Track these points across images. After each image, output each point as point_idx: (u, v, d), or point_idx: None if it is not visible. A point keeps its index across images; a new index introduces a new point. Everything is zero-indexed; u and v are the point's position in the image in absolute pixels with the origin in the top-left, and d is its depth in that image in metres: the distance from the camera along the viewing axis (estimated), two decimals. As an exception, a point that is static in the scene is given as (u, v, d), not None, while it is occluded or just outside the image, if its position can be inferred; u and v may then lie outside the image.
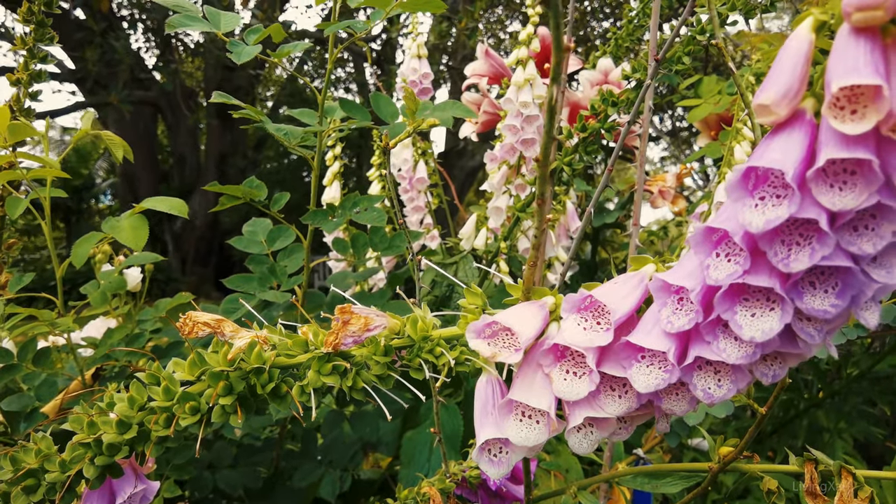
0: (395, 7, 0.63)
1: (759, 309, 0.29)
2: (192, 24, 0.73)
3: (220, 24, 0.75)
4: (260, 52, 0.73)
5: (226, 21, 0.77)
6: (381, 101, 0.79)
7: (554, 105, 0.27)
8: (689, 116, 1.15)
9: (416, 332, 0.37)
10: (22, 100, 0.76)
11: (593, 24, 6.83)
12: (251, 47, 0.73)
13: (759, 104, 0.27)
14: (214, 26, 0.73)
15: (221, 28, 0.75)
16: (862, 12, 0.24)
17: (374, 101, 0.80)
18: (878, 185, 0.25)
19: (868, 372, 1.25)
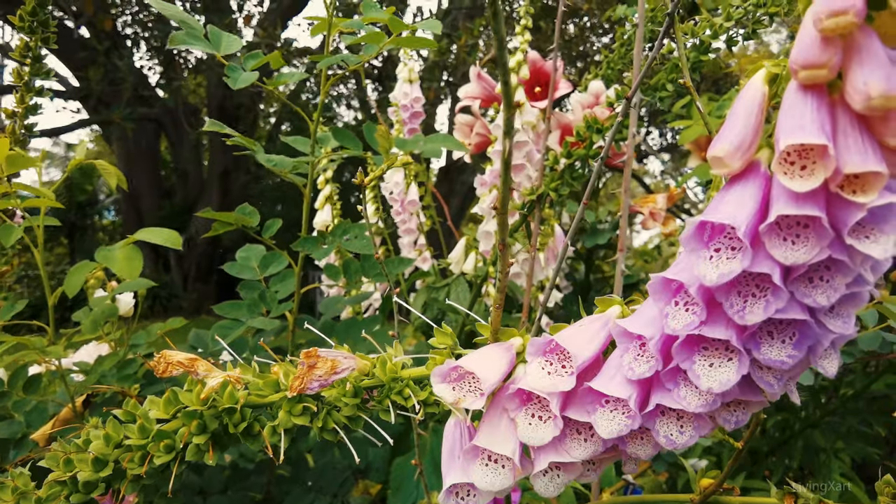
0: (388, 44, 0.64)
1: (717, 359, 0.29)
2: (194, 43, 0.72)
3: (221, 45, 0.75)
4: (257, 78, 0.74)
5: (227, 43, 0.76)
6: (372, 132, 0.80)
7: (508, 158, 0.27)
8: (680, 138, 1.15)
9: (384, 373, 0.37)
10: (17, 131, 0.76)
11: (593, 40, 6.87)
12: (248, 74, 0.74)
13: (713, 156, 0.27)
14: (215, 48, 0.72)
15: (222, 50, 0.75)
16: (807, 71, 0.24)
17: (367, 132, 0.80)
18: (829, 240, 0.25)
19: (863, 392, 1.25)
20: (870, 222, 0.25)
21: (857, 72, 0.24)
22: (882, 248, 0.25)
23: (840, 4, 0.23)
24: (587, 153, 0.79)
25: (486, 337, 0.38)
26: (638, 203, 1.19)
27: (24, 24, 0.69)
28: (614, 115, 0.77)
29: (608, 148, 0.58)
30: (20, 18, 0.69)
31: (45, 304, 0.84)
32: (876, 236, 0.25)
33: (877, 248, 0.25)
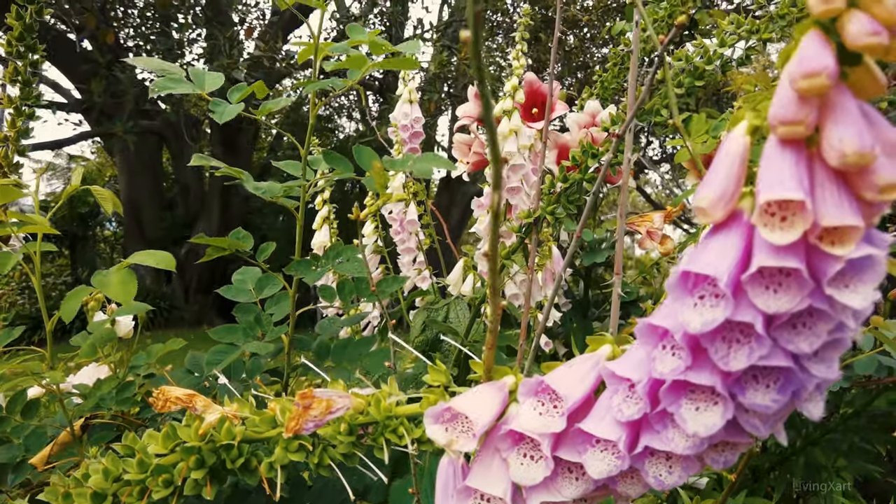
0: (370, 67, 0.65)
1: (704, 403, 0.29)
2: (176, 87, 0.75)
3: (205, 84, 0.77)
4: (243, 109, 0.75)
5: (210, 81, 0.79)
6: (363, 155, 0.81)
7: (497, 210, 0.28)
8: (676, 157, 1.16)
9: (379, 412, 0.38)
10: (10, 156, 0.77)
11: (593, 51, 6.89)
12: (233, 106, 0.75)
13: (697, 206, 0.28)
14: (199, 87, 0.74)
15: (205, 88, 0.77)
16: (785, 127, 0.25)
17: (357, 154, 0.81)
18: (810, 290, 0.26)
19: (864, 410, 1.24)
20: (849, 272, 0.26)
21: (832, 129, 0.24)
22: (861, 297, 0.25)
23: (813, 67, 0.24)
24: (583, 177, 0.80)
25: (480, 374, 0.39)
26: (635, 221, 1.20)
27: (12, 49, 0.70)
28: (608, 141, 0.78)
29: (604, 173, 0.59)
30: (8, 44, 0.70)
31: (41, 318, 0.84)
32: (855, 286, 0.26)
33: (856, 297, 0.25)
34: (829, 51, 0.24)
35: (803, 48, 0.25)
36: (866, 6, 0.24)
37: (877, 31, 0.23)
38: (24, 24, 0.71)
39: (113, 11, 6.36)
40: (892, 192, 0.25)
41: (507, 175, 0.91)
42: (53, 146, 7.35)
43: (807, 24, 0.25)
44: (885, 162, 0.25)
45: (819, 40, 0.24)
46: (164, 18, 6.39)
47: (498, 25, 7.00)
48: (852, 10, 0.24)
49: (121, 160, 8.27)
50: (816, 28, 0.25)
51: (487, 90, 0.24)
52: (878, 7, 0.24)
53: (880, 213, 0.26)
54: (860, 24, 0.23)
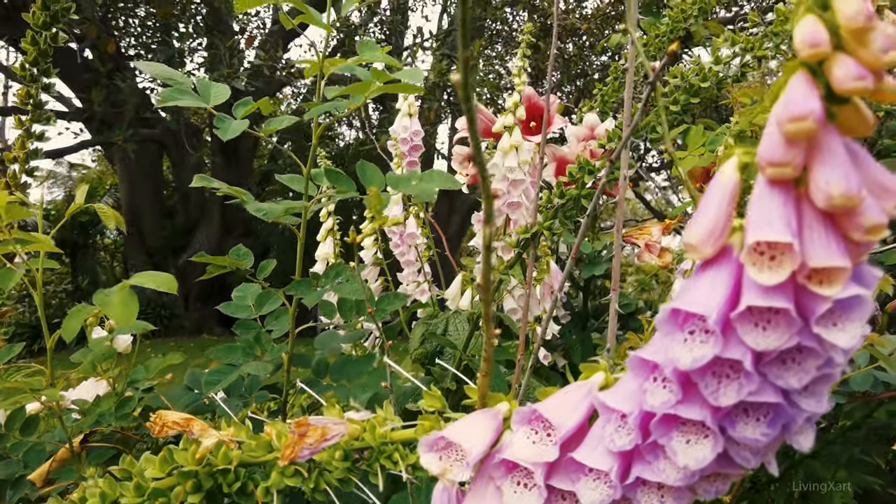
0: (374, 91, 0.65)
1: (694, 436, 0.29)
2: (181, 99, 0.75)
3: (210, 97, 0.77)
4: (247, 126, 0.75)
5: (216, 94, 0.79)
6: (367, 171, 0.81)
7: (489, 243, 0.28)
8: (673, 169, 1.16)
9: (374, 438, 0.38)
10: (18, 176, 0.78)
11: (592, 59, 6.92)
12: (238, 123, 0.75)
13: (686, 243, 0.28)
14: (205, 100, 0.74)
15: (211, 101, 0.77)
16: (773, 168, 0.25)
17: (361, 170, 0.81)
18: (798, 328, 0.26)
19: (863, 422, 1.24)
20: (838, 311, 0.26)
21: (819, 171, 0.25)
22: (849, 336, 0.26)
23: (800, 111, 0.24)
24: (579, 193, 0.81)
25: (475, 400, 0.39)
26: (633, 234, 1.20)
27: (25, 73, 0.71)
28: (604, 157, 0.78)
29: (601, 189, 0.60)
30: (22, 67, 0.71)
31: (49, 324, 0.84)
32: (843, 324, 0.26)
33: (844, 336, 0.26)
34: (816, 94, 0.25)
35: (790, 91, 0.25)
36: (852, 50, 0.24)
37: (862, 76, 0.24)
38: (39, 50, 0.71)
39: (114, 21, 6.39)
40: (878, 233, 0.25)
41: (508, 190, 0.92)
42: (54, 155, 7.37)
43: (795, 64, 0.26)
44: (871, 203, 0.25)
45: (806, 83, 0.25)
46: (165, 28, 6.42)
47: (497, 34, 7.03)
48: (838, 53, 0.25)
49: (121, 168, 8.29)
50: (804, 69, 0.25)
51: (478, 135, 0.24)
52: (864, 51, 0.24)
53: (868, 252, 0.26)
54: (846, 68, 0.24)
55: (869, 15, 0.23)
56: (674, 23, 1.07)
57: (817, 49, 0.24)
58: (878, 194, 0.26)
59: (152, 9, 6.35)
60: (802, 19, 0.25)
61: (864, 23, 0.23)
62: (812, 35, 0.24)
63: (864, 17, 0.23)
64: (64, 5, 0.67)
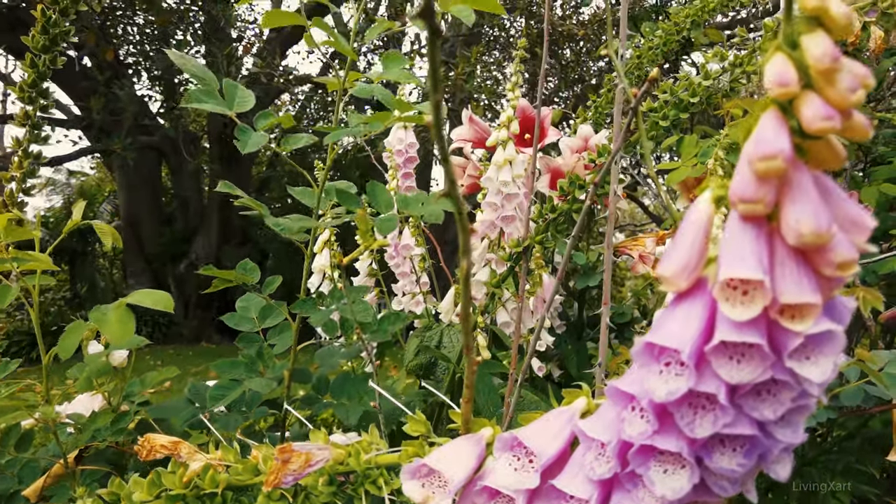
0: (393, 121, 0.66)
1: (672, 466, 0.30)
2: (207, 102, 0.73)
3: (234, 102, 0.75)
4: (267, 142, 0.74)
5: (240, 100, 0.77)
6: (377, 191, 0.81)
7: (467, 275, 0.29)
8: (667, 179, 1.17)
9: (358, 463, 0.38)
10: (16, 195, 0.78)
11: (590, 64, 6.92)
12: (258, 136, 0.75)
13: (660, 275, 0.28)
14: (228, 106, 0.73)
15: (234, 108, 0.75)
16: (744, 204, 0.25)
17: (371, 191, 0.81)
18: (772, 361, 0.26)
19: (857, 432, 1.25)
20: (810, 344, 0.26)
21: (790, 209, 0.25)
22: (821, 370, 0.26)
23: (769, 150, 0.24)
24: (570, 207, 0.81)
25: (458, 424, 0.39)
26: (627, 245, 1.21)
27: (23, 94, 0.71)
28: (595, 171, 0.79)
29: (589, 203, 0.60)
30: (20, 89, 0.71)
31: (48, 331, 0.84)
32: (816, 358, 0.26)
33: (816, 370, 0.26)
34: (786, 133, 0.25)
35: (761, 129, 0.25)
36: (820, 89, 0.25)
37: (829, 116, 0.24)
38: (38, 72, 0.71)
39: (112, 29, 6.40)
40: (849, 269, 0.25)
41: (503, 204, 0.92)
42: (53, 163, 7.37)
43: (766, 102, 0.26)
44: (842, 239, 0.25)
45: (776, 121, 0.25)
46: (163, 35, 6.43)
47: (495, 40, 7.04)
48: (808, 92, 0.25)
49: (120, 175, 8.29)
50: (775, 107, 0.26)
51: (452, 172, 0.24)
52: (832, 91, 0.24)
53: (841, 286, 0.27)
54: (814, 108, 0.24)
55: (835, 56, 0.24)
56: (667, 35, 1.08)
57: (786, 89, 0.24)
58: (848, 229, 0.26)
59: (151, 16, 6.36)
60: (773, 58, 0.25)
61: (830, 64, 0.24)
62: (781, 75, 0.24)
63: (830, 59, 0.23)
64: (63, 29, 0.68)
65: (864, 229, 0.26)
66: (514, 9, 6.74)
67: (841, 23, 0.24)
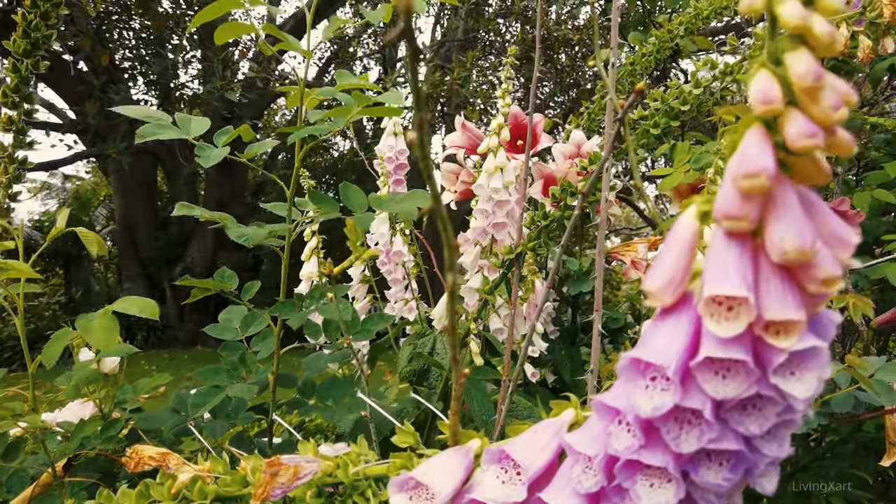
0: (355, 115, 0.66)
1: (658, 480, 0.30)
2: (162, 133, 0.76)
3: (191, 130, 0.78)
4: (228, 153, 0.76)
5: (195, 126, 0.80)
6: (350, 192, 0.82)
7: (453, 292, 0.29)
8: (660, 186, 1.17)
9: (346, 476, 0.38)
10: (1, 202, 0.78)
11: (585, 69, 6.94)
12: (218, 150, 0.76)
13: (646, 290, 0.28)
14: (185, 133, 0.75)
15: (191, 133, 0.78)
16: (729, 221, 0.25)
17: (344, 192, 0.82)
18: (757, 377, 0.26)
19: (850, 437, 1.25)
20: (795, 360, 0.26)
21: (774, 226, 0.25)
22: (805, 386, 0.26)
23: (753, 168, 0.24)
24: (562, 214, 0.81)
25: (447, 436, 0.39)
26: (619, 251, 1.21)
27: (7, 99, 0.71)
28: (586, 179, 0.79)
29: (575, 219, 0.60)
30: (3, 94, 0.71)
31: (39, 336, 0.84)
32: (801, 374, 0.26)
33: (800, 386, 0.26)
34: (770, 150, 0.25)
35: (745, 147, 0.25)
36: (804, 106, 0.25)
37: (813, 134, 0.24)
38: (21, 77, 0.71)
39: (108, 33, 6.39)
40: (833, 285, 0.25)
41: (494, 210, 0.92)
42: (48, 167, 7.36)
43: (751, 118, 0.26)
44: (826, 255, 0.25)
45: (760, 138, 0.25)
46: (159, 40, 6.43)
47: (491, 45, 7.06)
48: (791, 109, 0.25)
49: (115, 180, 8.27)
50: (759, 124, 0.26)
51: (436, 188, 0.24)
52: (815, 108, 0.24)
53: (825, 301, 0.27)
54: (798, 126, 0.24)
55: (818, 75, 0.24)
56: (661, 42, 1.08)
57: (770, 106, 0.24)
58: (832, 244, 0.26)
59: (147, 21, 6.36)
60: (757, 74, 0.25)
61: (813, 82, 0.24)
62: (765, 92, 0.24)
63: (813, 77, 0.24)
64: (45, 33, 0.68)
65: (847, 245, 0.26)
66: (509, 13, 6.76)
67: (825, 41, 0.24)
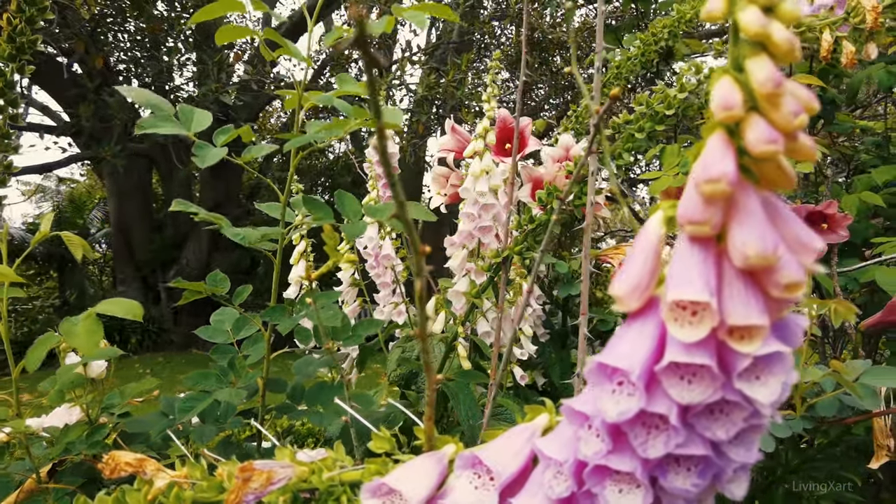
0: (352, 127, 0.66)
1: (626, 485, 0.30)
2: (163, 126, 0.74)
3: (192, 124, 0.77)
4: (226, 154, 0.75)
5: (198, 120, 0.78)
6: (345, 200, 0.81)
7: (422, 294, 0.29)
8: (650, 189, 1.17)
9: (321, 481, 0.38)
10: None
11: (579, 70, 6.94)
12: (217, 150, 0.75)
13: (613, 295, 0.28)
14: (186, 127, 0.74)
15: (192, 129, 0.76)
16: (692, 226, 0.25)
17: (339, 199, 0.82)
18: (722, 382, 0.26)
19: (840, 439, 1.25)
20: (760, 364, 0.26)
21: (736, 231, 0.25)
22: (770, 391, 0.26)
23: (714, 173, 0.24)
24: (549, 217, 0.81)
25: (423, 441, 0.39)
26: (608, 254, 1.21)
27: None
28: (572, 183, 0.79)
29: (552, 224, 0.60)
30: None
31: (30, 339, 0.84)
32: (766, 378, 0.26)
33: (765, 391, 0.26)
34: (731, 155, 0.25)
35: (707, 152, 0.25)
36: (766, 112, 0.25)
37: (773, 140, 0.24)
38: (6, 81, 0.71)
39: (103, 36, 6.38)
40: (796, 290, 0.25)
41: (480, 214, 0.92)
42: (41, 170, 7.34)
43: (714, 124, 0.26)
44: (789, 260, 0.25)
45: (722, 144, 0.25)
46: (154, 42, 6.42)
47: (486, 47, 7.07)
48: (753, 115, 0.25)
49: (110, 182, 8.26)
50: (721, 130, 0.26)
51: (400, 194, 0.24)
52: (776, 114, 0.24)
53: (790, 306, 0.27)
54: (758, 132, 0.24)
55: (778, 81, 0.24)
56: (645, 46, 1.08)
57: (731, 112, 0.24)
58: (796, 250, 0.26)
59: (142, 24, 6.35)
60: (719, 81, 0.25)
61: (772, 89, 0.24)
62: (726, 98, 0.25)
63: (772, 84, 0.24)
64: (30, 38, 0.67)
65: (811, 250, 0.26)
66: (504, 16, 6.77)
67: (784, 48, 0.24)
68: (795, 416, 0.73)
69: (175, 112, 0.75)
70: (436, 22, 7.54)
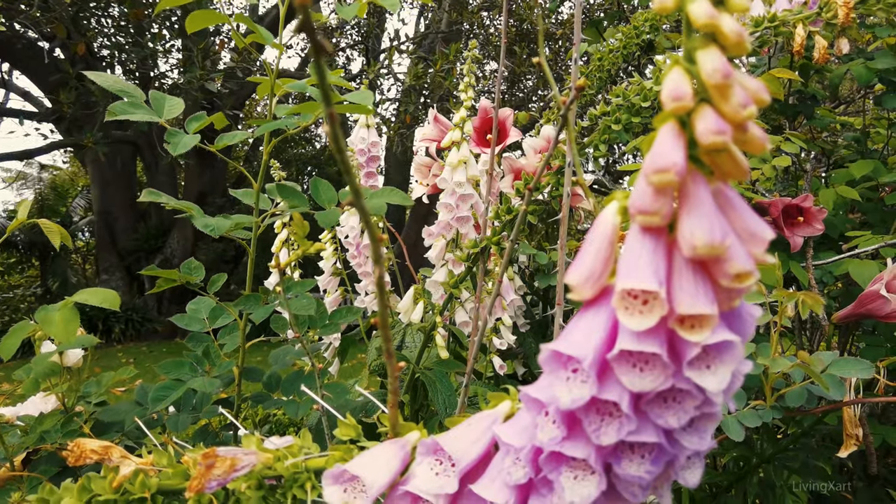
0: (322, 111, 0.65)
1: (581, 472, 0.30)
2: (134, 112, 0.74)
3: (163, 111, 0.77)
4: (204, 143, 0.75)
5: (169, 107, 0.78)
6: (320, 187, 0.81)
7: (380, 283, 0.29)
8: (628, 181, 1.18)
9: (284, 469, 0.38)
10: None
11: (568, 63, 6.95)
12: (189, 137, 0.75)
13: (568, 284, 0.29)
14: (157, 114, 0.74)
15: (164, 115, 0.77)
16: (642, 216, 0.26)
17: (313, 186, 0.82)
18: (672, 371, 0.27)
19: (813, 429, 1.27)
20: (711, 353, 0.27)
21: (686, 221, 0.25)
22: (718, 380, 0.26)
23: (663, 163, 0.25)
24: (526, 209, 0.81)
25: (387, 429, 0.39)
26: (589, 246, 1.21)
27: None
28: (552, 174, 0.79)
29: (523, 217, 0.60)
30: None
31: None
32: (715, 367, 0.27)
33: (713, 379, 0.26)
34: (681, 146, 0.25)
35: (657, 143, 0.26)
36: (716, 102, 0.25)
37: (721, 131, 0.24)
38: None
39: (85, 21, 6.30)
40: (746, 280, 0.26)
41: (457, 204, 0.92)
42: (23, 156, 7.25)
43: (665, 115, 0.26)
44: (739, 250, 0.26)
45: (673, 135, 0.26)
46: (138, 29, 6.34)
47: (475, 37, 7.04)
48: (703, 106, 0.25)
49: (93, 170, 8.18)
50: (673, 121, 0.26)
51: (356, 184, 0.24)
52: (726, 105, 0.25)
53: (742, 296, 0.27)
54: (706, 122, 0.24)
55: (726, 73, 0.24)
56: (627, 39, 1.08)
57: (680, 103, 0.25)
58: (746, 240, 0.26)
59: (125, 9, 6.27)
60: (671, 72, 0.26)
61: (721, 80, 0.24)
62: (675, 90, 0.25)
63: (721, 75, 0.24)
64: None
65: (761, 241, 0.26)
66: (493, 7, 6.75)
67: (733, 39, 0.24)
68: (766, 406, 0.74)
69: (146, 98, 0.74)
70: (424, 11, 7.51)
